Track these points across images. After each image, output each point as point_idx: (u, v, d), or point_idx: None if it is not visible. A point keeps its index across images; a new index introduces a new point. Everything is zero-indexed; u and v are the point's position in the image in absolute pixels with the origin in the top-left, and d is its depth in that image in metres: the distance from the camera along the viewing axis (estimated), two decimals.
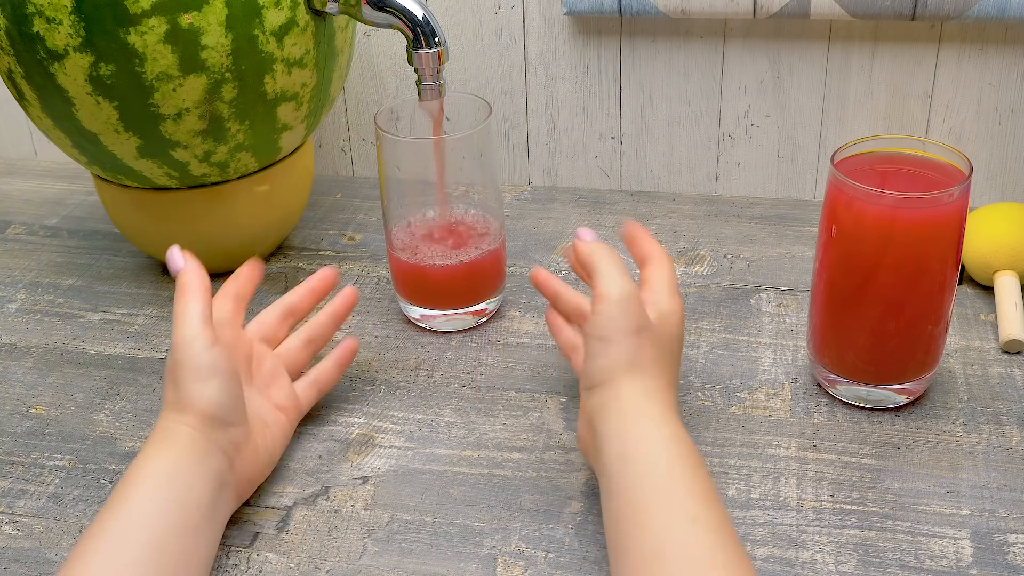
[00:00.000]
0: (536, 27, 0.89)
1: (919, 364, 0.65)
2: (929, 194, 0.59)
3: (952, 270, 0.62)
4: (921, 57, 0.83)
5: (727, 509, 0.51)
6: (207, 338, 0.57)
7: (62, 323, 0.80)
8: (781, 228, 0.87)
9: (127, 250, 0.89)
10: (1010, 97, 0.84)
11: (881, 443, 0.64)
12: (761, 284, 0.80)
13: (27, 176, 1.05)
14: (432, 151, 0.73)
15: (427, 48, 0.72)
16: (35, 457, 0.67)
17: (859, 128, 0.87)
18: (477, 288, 0.75)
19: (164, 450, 0.55)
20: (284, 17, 0.71)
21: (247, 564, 0.58)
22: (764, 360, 0.71)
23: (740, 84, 0.88)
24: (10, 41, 0.69)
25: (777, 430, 0.65)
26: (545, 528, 0.59)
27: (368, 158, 0.99)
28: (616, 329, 0.56)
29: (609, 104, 0.91)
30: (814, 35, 0.84)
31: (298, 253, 0.87)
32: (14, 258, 0.90)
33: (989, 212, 0.78)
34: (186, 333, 0.57)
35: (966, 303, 0.76)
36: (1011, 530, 0.57)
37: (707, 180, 0.93)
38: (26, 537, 0.60)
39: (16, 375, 0.74)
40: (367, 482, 0.63)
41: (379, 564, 0.57)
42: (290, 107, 0.75)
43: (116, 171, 0.76)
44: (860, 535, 0.57)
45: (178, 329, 0.57)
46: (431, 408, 0.69)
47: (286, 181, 0.82)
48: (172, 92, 0.69)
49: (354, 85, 0.96)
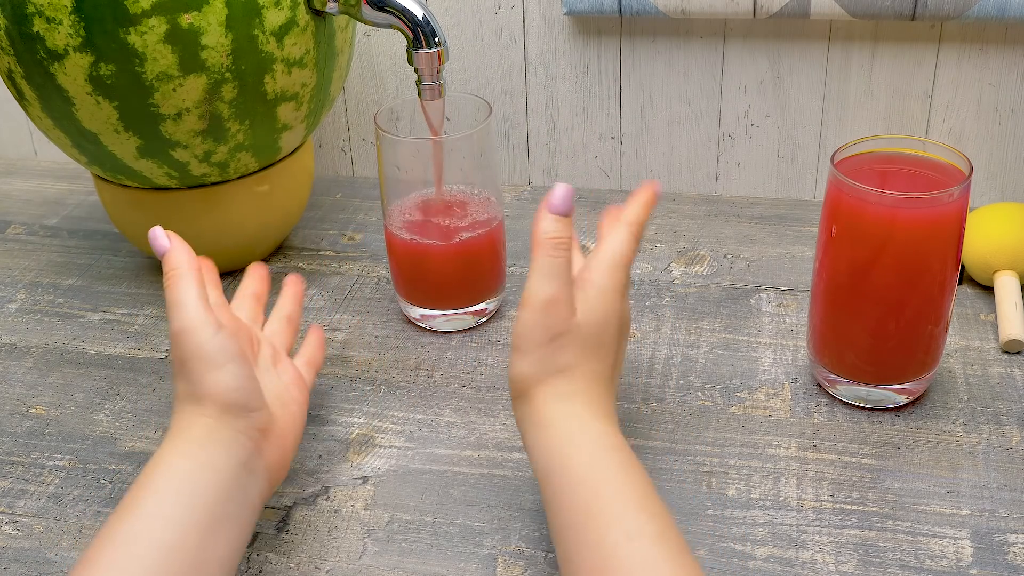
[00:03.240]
0: (536, 27, 0.89)
1: (919, 364, 0.65)
2: (929, 194, 0.59)
3: (952, 270, 0.62)
4: (921, 57, 0.83)
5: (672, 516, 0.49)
6: (212, 323, 0.54)
7: (62, 323, 0.80)
8: (781, 228, 0.87)
9: (127, 250, 0.89)
10: (1010, 97, 0.84)
11: (881, 443, 0.64)
12: (761, 284, 0.80)
13: (27, 176, 1.05)
14: (432, 151, 0.73)
15: (427, 48, 0.72)
16: (35, 457, 0.67)
17: (859, 128, 0.87)
18: (475, 278, 0.75)
19: (183, 447, 0.52)
20: (284, 17, 0.71)
21: (247, 564, 0.58)
22: (764, 360, 0.71)
23: (740, 84, 0.88)
24: (10, 41, 0.69)
25: (777, 430, 0.65)
26: (545, 528, 0.59)
27: (368, 158, 0.99)
28: (529, 340, 0.53)
29: (609, 104, 0.91)
30: (814, 35, 0.84)
31: (298, 253, 0.87)
32: (14, 258, 0.90)
33: (989, 212, 0.78)
34: (187, 321, 0.54)
35: (966, 303, 0.76)
36: (1011, 530, 0.57)
37: (707, 180, 0.93)
38: (26, 537, 0.60)
39: (16, 375, 0.74)
40: (367, 482, 0.63)
41: (379, 564, 0.57)
42: (290, 107, 0.75)
43: (116, 171, 0.76)
44: (860, 535, 0.58)
45: (177, 318, 0.54)
46: (431, 408, 0.69)
47: (286, 181, 0.82)
48: (172, 92, 0.69)
49: (354, 85, 0.96)
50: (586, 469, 0.50)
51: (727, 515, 0.59)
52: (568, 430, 0.52)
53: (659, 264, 0.83)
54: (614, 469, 0.50)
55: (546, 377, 0.53)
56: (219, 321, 0.54)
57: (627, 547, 0.46)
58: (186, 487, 0.51)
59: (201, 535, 0.49)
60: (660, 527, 0.47)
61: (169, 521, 0.49)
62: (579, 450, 0.51)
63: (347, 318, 0.78)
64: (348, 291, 0.82)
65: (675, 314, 0.77)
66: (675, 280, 0.81)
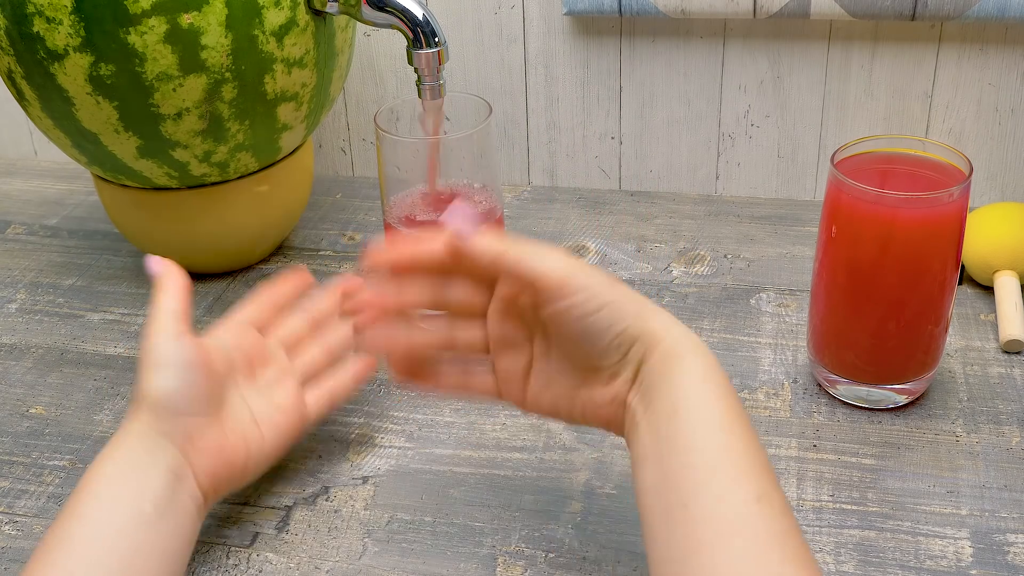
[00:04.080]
0: (536, 27, 0.89)
1: (919, 364, 0.65)
2: (929, 194, 0.59)
3: (952, 270, 0.62)
4: (921, 57, 0.83)
5: None
6: (172, 331, 0.56)
7: (62, 323, 0.80)
8: (781, 228, 0.87)
9: (127, 250, 0.89)
10: (1010, 97, 0.84)
11: (881, 443, 0.64)
12: (761, 284, 0.80)
13: (27, 176, 1.05)
14: (431, 151, 0.73)
15: (427, 48, 0.72)
16: (35, 457, 0.67)
17: (859, 128, 0.87)
18: None
19: (113, 449, 0.54)
20: (284, 17, 0.71)
21: (247, 564, 0.58)
22: (764, 360, 0.71)
23: (740, 84, 0.88)
24: (10, 41, 0.69)
25: (777, 430, 0.65)
26: (545, 528, 0.59)
27: (368, 158, 0.99)
28: (602, 283, 0.50)
29: (609, 104, 0.91)
30: (814, 35, 0.84)
31: (298, 253, 0.87)
32: (14, 258, 0.90)
33: (989, 212, 0.78)
34: (151, 327, 0.56)
35: (966, 303, 0.76)
36: (1011, 530, 0.57)
37: (707, 180, 0.93)
38: (26, 537, 0.60)
39: (16, 375, 0.74)
40: (367, 482, 0.63)
41: (379, 564, 0.57)
42: (290, 107, 0.75)
43: (116, 171, 0.76)
44: (860, 535, 0.58)
45: (146, 326, 0.57)
46: (431, 408, 0.69)
47: (286, 181, 0.82)
48: (172, 92, 0.69)
49: (354, 85, 0.96)
50: (719, 416, 0.47)
51: None
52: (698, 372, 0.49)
53: (659, 264, 0.83)
54: (743, 425, 0.47)
55: (654, 310, 0.51)
56: (183, 331, 0.56)
57: (755, 510, 0.44)
58: (114, 490, 0.53)
59: (131, 538, 0.51)
60: (783, 499, 0.45)
61: (100, 524, 0.51)
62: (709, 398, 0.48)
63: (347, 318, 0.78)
64: None
65: (675, 314, 0.76)
66: (675, 280, 0.81)
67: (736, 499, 0.44)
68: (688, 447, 0.46)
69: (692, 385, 0.48)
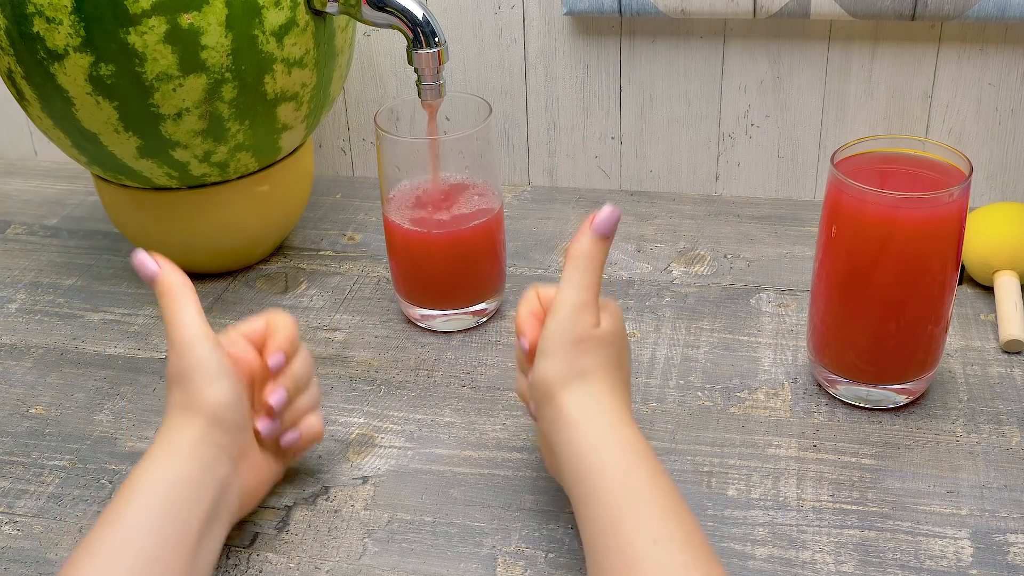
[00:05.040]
0: (536, 27, 0.89)
1: (919, 364, 0.65)
2: (929, 194, 0.59)
3: (952, 270, 0.62)
4: (921, 57, 0.83)
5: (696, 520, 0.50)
6: (211, 338, 0.56)
7: (62, 323, 0.80)
8: (781, 228, 0.87)
9: (127, 250, 0.89)
10: (1010, 97, 0.84)
11: (881, 443, 0.64)
12: (761, 284, 0.80)
13: (27, 176, 1.05)
14: (430, 150, 0.73)
15: (427, 48, 0.72)
16: (35, 457, 0.67)
17: (859, 128, 0.87)
18: (474, 273, 0.75)
19: (167, 457, 0.54)
20: (284, 17, 0.71)
21: (247, 564, 0.58)
22: (764, 360, 0.71)
23: (740, 84, 0.88)
24: (10, 41, 0.69)
25: (777, 430, 0.65)
26: (545, 528, 0.59)
27: (368, 158, 0.99)
28: (557, 342, 0.54)
29: (609, 104, 0.91)
30: (814, 35, 0.84)
31: (298, 253, 0.87)
32: (14, 258, 0.90)
33: (989, 212, 0.78)
34: (187, 334, 0.56)
35: (966, 303, 0.76)
36: (1011, 530, 0.57)
37: (707, 180, 0.93)
38: (26, 537, 0.60)
39: (16, 375, 0.74)
40: (367, 482, 0.63)
41: (379, 564, 0.57)
42: (290, 107, 0.75)
43: (116, 171, 0.76)
44: (860, 535, 0.58)
45: (176, 332, 0.56)
46: (431, 408, 0.69)
47: (286, 181, 0.82)
48: (172, 92, 0.69)
49: (354, 85, 0.96)
50: (617, 470, 0.51)
51: (727, 515, 0.59)
52: (599, 428, 0.53)
53: (659, 264, 0.83)
54: (645, 473, 0.51)
55: (571, 379, 0.54)
56: (216, 338, 0.56)
57: (653, 550, 0.47)
58: (170, 496, 0.52)
59: (180, 548, 0.51)
60: (687, 531, 0.48)
61: (151, 534, 0.50)
62: (611, 450, 0.52)
63: (347, 318, 0.78)
64: (348, 291, 0.82)
65: (675, 314, 0.77)
66: (675, 280, 0.81)
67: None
68: None
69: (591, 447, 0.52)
